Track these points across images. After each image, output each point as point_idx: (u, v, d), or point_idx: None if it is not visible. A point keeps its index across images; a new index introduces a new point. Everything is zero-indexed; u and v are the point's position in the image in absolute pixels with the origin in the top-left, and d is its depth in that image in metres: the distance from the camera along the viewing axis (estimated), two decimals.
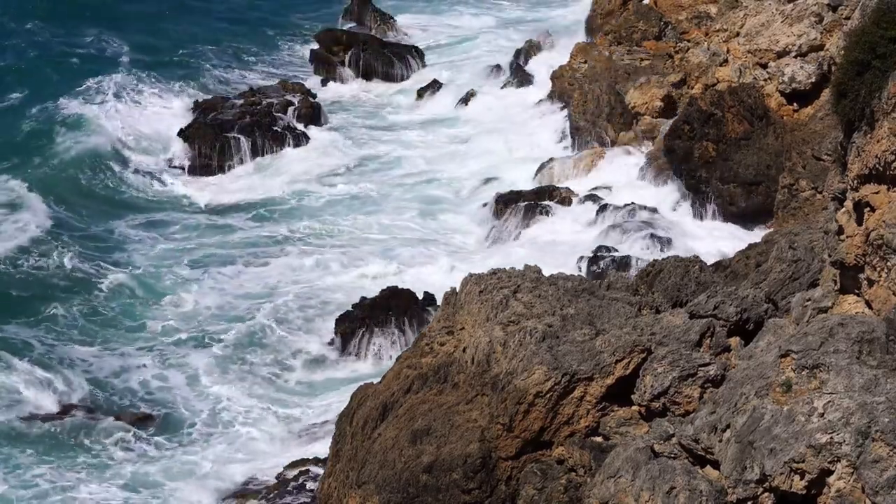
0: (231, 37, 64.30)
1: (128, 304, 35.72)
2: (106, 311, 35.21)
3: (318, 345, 33.51)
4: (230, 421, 29.84)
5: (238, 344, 33.47)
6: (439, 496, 19.46)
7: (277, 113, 51.02)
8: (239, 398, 30.80)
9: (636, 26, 49.79)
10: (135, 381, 31.57)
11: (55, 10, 63.62)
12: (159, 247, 39.88)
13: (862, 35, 16.82)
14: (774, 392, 14.79)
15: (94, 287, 36.48)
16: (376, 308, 33.59)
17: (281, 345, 33.56)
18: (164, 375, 31.87)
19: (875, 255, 16.47)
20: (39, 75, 54.53)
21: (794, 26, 42.46)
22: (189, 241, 40.55)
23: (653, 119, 43.74)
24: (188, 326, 34.46)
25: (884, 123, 16.01)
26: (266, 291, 36.68)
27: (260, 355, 33.02)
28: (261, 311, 35.15)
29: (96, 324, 34.42)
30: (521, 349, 19.84)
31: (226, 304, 35.83)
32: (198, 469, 27.80)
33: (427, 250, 39.51)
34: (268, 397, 31.01)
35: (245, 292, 36.68)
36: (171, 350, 33.15)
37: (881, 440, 13.63)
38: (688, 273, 23.36)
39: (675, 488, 15.10)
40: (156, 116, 51.97)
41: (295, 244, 40.32)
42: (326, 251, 39.56)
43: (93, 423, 29.32)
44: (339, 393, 30.11)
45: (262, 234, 41.22)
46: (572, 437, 19.15)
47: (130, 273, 37.54)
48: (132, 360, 32.52)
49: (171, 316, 35.05)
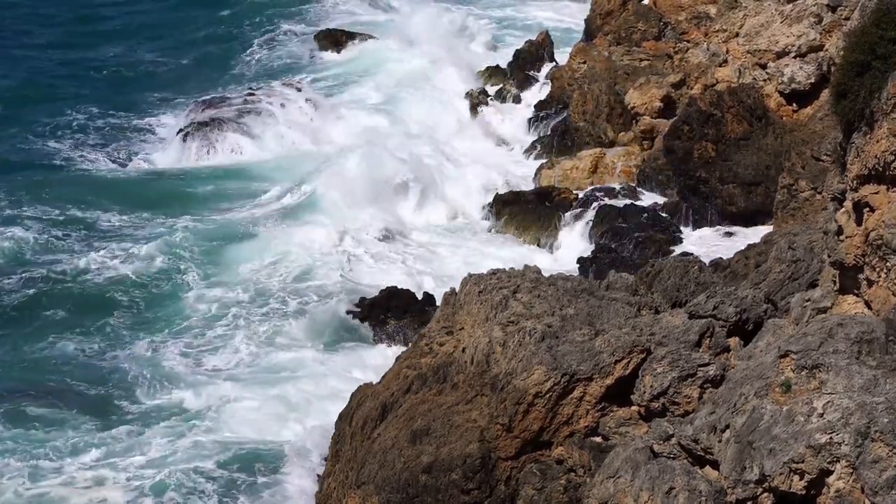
0: (231, 37, 64.35)
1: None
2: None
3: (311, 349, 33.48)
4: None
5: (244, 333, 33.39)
6: (439, 496, 19.47)
7: (277, 112, 51.03)
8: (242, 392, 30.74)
9: (636, 27, 49.79)
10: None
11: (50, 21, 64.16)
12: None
13: (861, 35, 16.82)
14: (774, 392, 14.80)
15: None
16: (376, 308, 33.59)
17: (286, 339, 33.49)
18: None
19: (874, 256, 16.47)
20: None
21: (793, 27, 42.47)
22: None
23: (652, 119, 43.75)
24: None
25: (883, 124, 16.01)
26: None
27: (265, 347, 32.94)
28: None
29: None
30: (520, 349, 19.85)
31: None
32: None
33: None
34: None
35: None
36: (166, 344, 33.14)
37: (880, 440, 13.64)
38: (687, 273, 23.37)
39: (675, 488, 15.10)
40: (156, 116, 52.10)
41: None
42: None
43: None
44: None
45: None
46: (572, 438, 19.15)
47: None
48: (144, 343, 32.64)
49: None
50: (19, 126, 50.63)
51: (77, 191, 43.71)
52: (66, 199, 42.62)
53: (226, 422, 28.43)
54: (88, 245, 39.03)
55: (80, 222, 40.87)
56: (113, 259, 37.81)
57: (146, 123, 51.86)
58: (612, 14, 52.41)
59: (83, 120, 51.91)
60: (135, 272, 36.86)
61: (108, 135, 50.43)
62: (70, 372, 31.10)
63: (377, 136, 47.67)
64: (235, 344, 32.51)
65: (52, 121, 51.48)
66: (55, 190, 43.34)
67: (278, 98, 52.01)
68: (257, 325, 33.65)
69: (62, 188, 43.81)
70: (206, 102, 51.87)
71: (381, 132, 48.83)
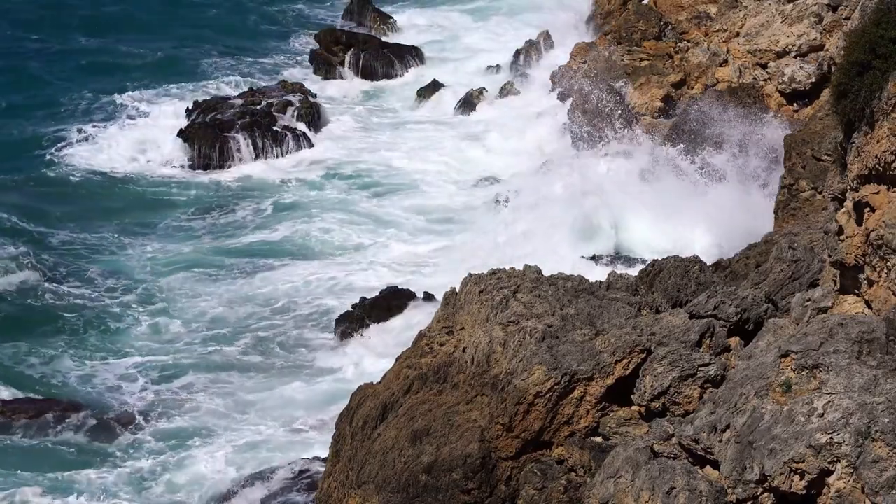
0: (230, 37, 64.31)
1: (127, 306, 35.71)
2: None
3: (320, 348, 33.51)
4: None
5: (244, 346, 33.40)
6: (439, 496, 19.46)
7: (277, 113, 51.05)
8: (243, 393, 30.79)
9: (636, 26, 49.78)
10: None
11: (43, 18, 64.01)
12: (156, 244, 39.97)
13: (862, 35, 16.80)
14: (774, 392, 14.79)
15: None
16: (376, 308, 33.59)
17: (288, 345, 33.51)
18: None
19: (875, 256, 16.47)
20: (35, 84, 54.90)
21: (793, 26, 42.49)
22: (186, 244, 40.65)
23: (653, 119, 43.76)
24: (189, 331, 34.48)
25: (884, 124, 16.01)
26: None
27: (266, 356, 32.98)
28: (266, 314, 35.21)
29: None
30: (520, 349, 19.84)
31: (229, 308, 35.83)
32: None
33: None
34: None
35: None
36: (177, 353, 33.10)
37: (881, 440, 13.63)
38: (687, 273, 23.34)
39: (675, 488, 15.10)
40: (155, 117, 52.02)
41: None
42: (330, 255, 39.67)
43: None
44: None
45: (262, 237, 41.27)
46: (572, 438, 19.14)
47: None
48: (136, 361, 32.49)
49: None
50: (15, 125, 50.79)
51: (61, 191, 43.89)
52: (50, 201, 42.80)
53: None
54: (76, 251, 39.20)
55: (62, 226, 41.08)
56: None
57: (141, 121, 51.82)
58: (613, 14, 52.45)
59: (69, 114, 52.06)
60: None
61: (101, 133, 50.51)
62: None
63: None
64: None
65: (50, 119, 51.63)
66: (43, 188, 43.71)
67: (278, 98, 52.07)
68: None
69: (51, 187, 44.05)
70: (205, 103, 51.92)
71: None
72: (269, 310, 35.48)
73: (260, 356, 32.97)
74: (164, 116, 51.80)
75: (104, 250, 39.58)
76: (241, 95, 53.16)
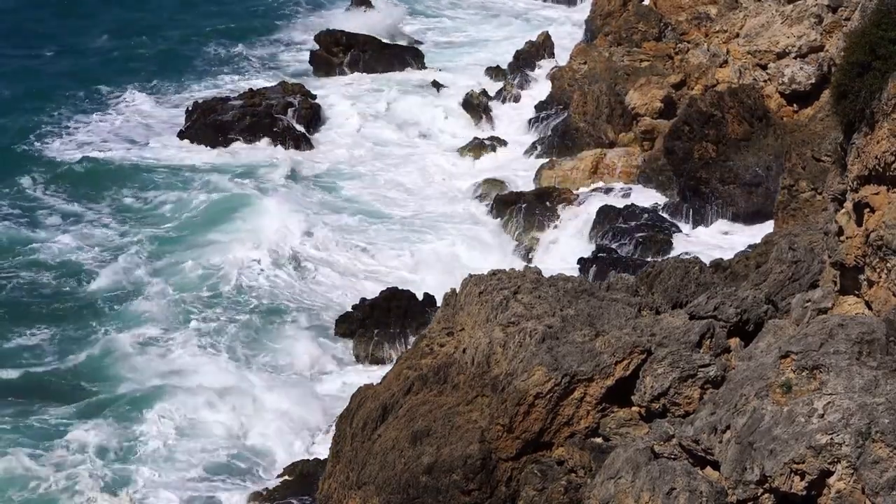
0: (231, 37, 64.35)
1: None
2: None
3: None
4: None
5: (244, 346, 33.40)
6: (439, 497, 19.46)
7: (277, 114, 51.03)
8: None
9: (636, 27, 49.82)
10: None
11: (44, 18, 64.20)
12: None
13: (862, 36, 16.81)
14: (774, 393, 14.79)
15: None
16: (376, 309, 33.59)
17: (288, 345, 33.52)
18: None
19: (875, 256, 16.47)
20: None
21: (793, 27, 42.49)
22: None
23: (653, 120, 43.76)
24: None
25: (884, 124, 16.01)
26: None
27: (260, 353, 32.99)
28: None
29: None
30: (520, 350, 19.84)
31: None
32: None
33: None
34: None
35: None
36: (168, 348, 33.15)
37: (881, 441, 13.63)
38: (688, 274, 23.35)
39: (676, 489, 15.09)
40: (155, 118, 52.09)
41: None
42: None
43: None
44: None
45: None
46: (572, 438, 19.14)
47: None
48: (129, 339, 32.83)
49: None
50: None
51: (62, 185, 44.10)
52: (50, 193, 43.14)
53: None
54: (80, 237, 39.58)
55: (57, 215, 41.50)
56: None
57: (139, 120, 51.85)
58: (613, 15, 52.49)
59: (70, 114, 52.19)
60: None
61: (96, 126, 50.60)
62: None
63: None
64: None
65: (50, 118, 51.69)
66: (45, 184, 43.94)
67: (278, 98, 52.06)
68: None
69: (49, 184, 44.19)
70: (205, 103, 51.95)
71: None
72: (269, 310, 35.43)
73: (259, 356, 32.92)
74: (164, 116, 51.83)
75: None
76: (242, 96, 53.17)
